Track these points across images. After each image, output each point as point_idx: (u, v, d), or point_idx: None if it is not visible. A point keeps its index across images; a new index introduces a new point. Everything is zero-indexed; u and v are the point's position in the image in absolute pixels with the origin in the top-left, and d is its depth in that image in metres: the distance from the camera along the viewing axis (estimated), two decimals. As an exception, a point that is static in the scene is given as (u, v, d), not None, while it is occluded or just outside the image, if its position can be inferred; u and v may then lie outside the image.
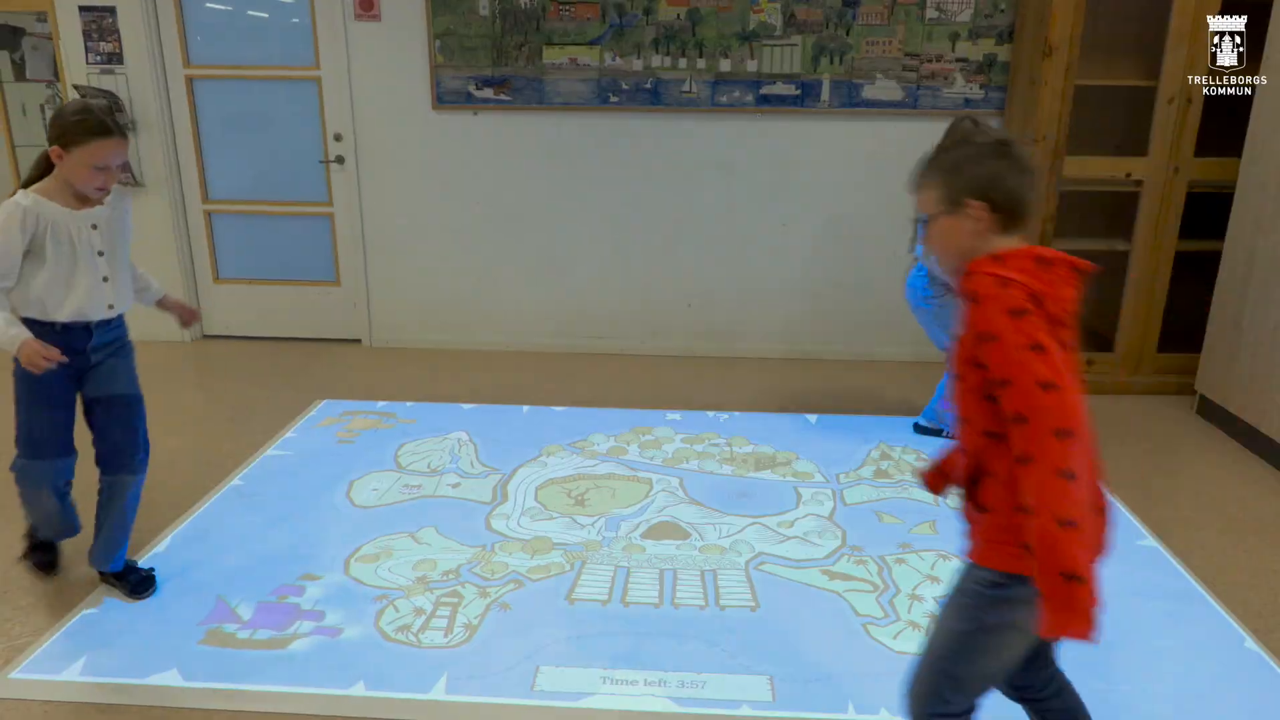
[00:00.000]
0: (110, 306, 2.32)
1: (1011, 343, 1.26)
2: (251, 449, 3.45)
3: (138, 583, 2.50)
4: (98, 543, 2.46)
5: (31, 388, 2.26)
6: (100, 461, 2.40)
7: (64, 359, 2.16)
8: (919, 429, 3.68)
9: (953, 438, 1.49)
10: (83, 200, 2.22)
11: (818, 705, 2.09)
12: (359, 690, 2.13)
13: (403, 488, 3.16)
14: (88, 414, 2.37)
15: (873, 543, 2.82)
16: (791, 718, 2.06)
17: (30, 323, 2.19)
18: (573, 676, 2.18)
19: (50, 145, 2.14)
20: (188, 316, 2.61)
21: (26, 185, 2.21)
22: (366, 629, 2.36)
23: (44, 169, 2.21)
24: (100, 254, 2.27)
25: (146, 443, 2.46)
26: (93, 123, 2.12)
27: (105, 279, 2.28)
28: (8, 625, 2.37)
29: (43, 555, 2.62)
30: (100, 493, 2.42)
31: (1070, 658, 2.26)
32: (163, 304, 2.57)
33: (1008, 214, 1.36)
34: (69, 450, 2.39)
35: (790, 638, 2.34)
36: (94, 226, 2.25)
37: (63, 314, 2.23)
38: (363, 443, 3.53)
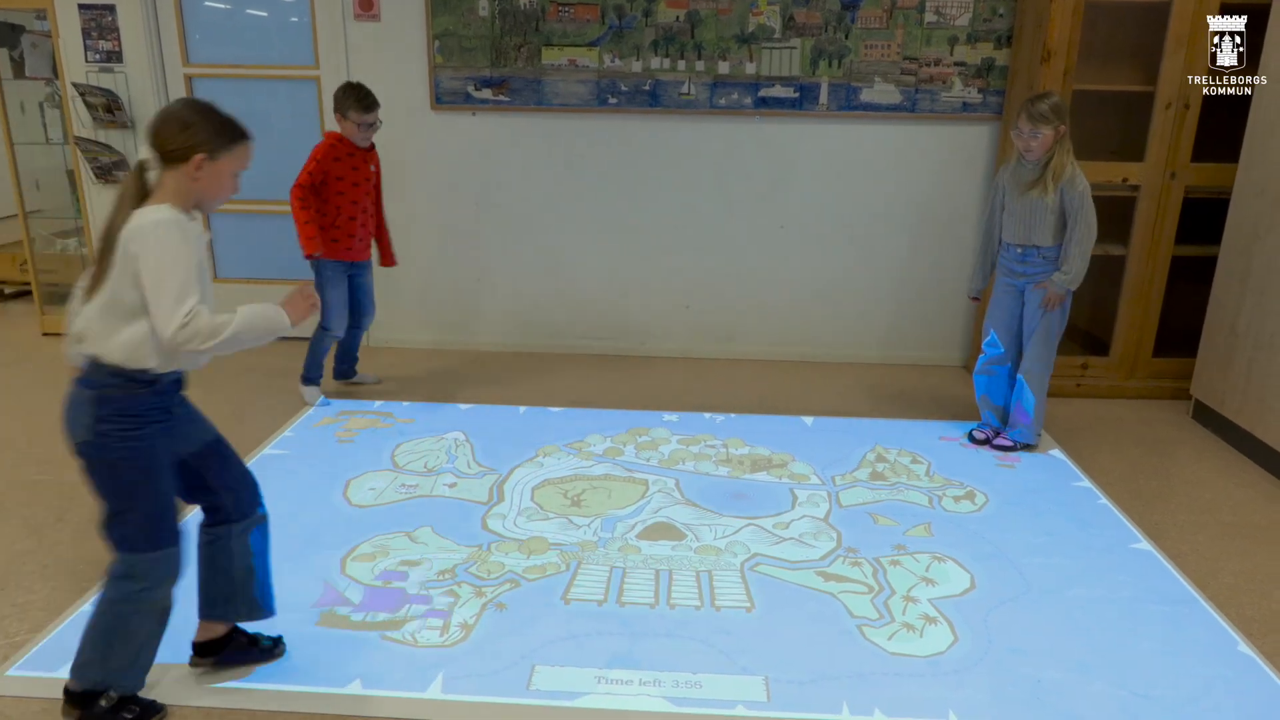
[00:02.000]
0: None
1: None
2: (249, 448, 3.46)
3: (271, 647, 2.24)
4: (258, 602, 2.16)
5: (147, 461, 1.89)
6: (229, 512, 2.10)
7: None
8: (973, 439, 3.66)
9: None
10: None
11: (813, 706, 2.10)
12: (355, 688, 2.13)
13: (399, 487, 3.16)
14: (191, 474, 2.03)
15: (868, 545, 2.83)
16: (786, 718, 2.06)
17: (142, 380, 1.83)
18: (568, 676, 2.18)
19: (192, 153, 1.80)
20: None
21: (135, 201, 1.82)
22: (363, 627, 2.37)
23: (144, 182, 1.85)
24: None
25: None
26: (238, 124, 1.89)
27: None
28: (5, 622, 2.37)
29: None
30: (229, 549, 2.10)
31: (1066, 661, 2.27)
32: None
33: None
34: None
35: (785, 639, 2.35)
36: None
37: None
38: (360, 442, 3.53)
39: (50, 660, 2.21)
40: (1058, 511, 3.07)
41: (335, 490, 3.13)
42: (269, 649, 2.23)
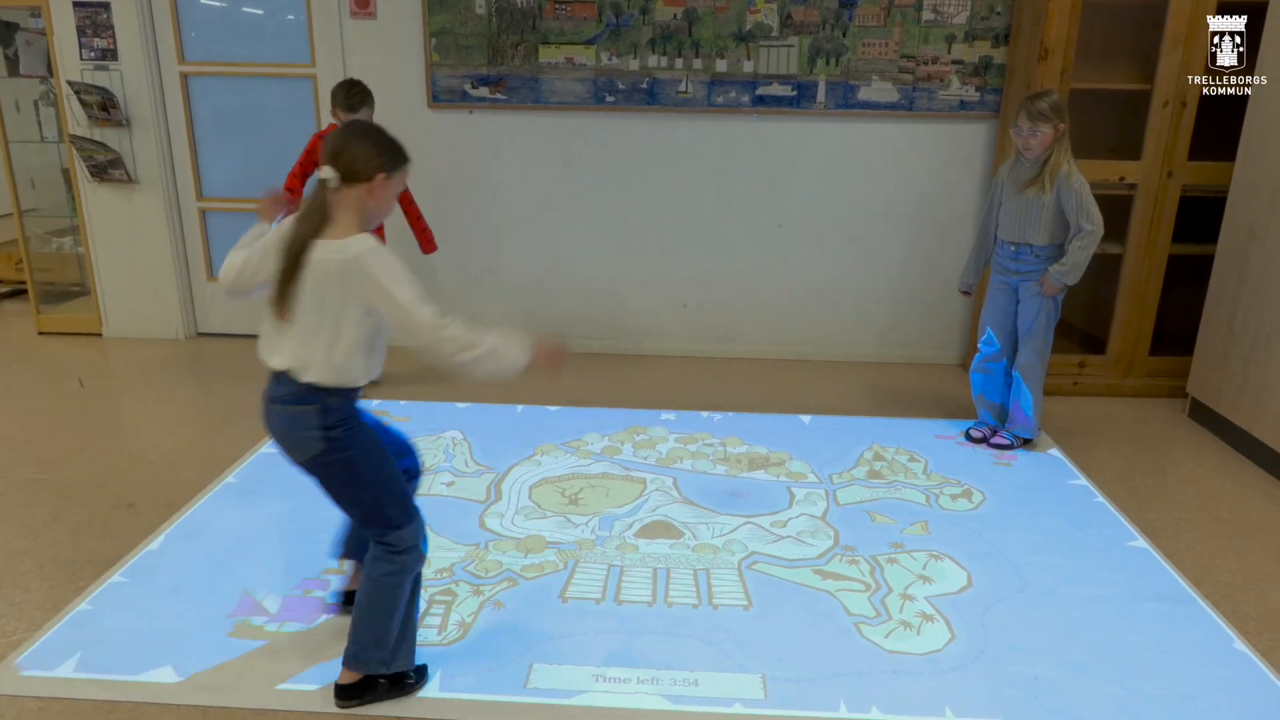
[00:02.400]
0: None
1: None
2: (246, 446, 3.45)
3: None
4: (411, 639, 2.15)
5: (377, 445, 2.00)
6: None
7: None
8: (970, 437, 3.66)
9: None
10: None
11: (810, 704, 2.10)
12: (352, 688, 2.13)
13: (397, 486, 3.16)
14: None
15: (865, 543, 2.83)
16: (784, 716, 2.07)
17: (353, 390, 1.94)
18: (566, 674, 2.19)
19: (376, 172, 1.88)
20: None
21: (319, 220, 1.87)
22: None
23: (326, 201, 1.88)
24: None
25: None
26: (404, 147, 1.95)
27: None
28: (2, 621, 2.37)
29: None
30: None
31: (1063, 659, 2.28)
32: None
33: None
34: None
35: (783, 637, 2.35)
36: None
37: (377, 370, 2.00)
38: (357, 441, 3.53)
39: (47, 659, 2.21)
40: (1054, 510, 3.08)
41: (332, 489, 3.12)
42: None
